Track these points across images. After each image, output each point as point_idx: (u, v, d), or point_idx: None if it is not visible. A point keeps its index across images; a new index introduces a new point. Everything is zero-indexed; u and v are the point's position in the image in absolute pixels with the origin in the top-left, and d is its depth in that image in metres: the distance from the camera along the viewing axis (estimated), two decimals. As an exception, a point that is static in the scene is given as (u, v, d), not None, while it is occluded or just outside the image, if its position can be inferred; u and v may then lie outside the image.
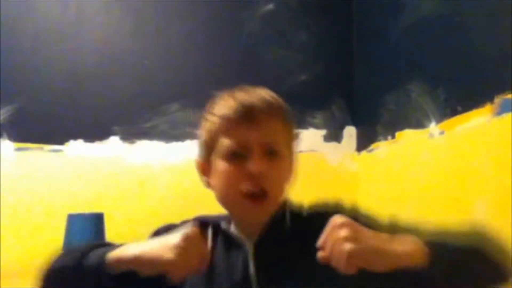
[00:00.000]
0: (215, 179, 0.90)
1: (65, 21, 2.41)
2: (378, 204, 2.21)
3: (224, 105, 0.90)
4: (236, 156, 0.87)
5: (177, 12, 2.50)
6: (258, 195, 0.85)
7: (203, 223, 0.95)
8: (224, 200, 0.90)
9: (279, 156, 0.88)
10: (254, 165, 0.84)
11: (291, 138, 0.93)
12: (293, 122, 0.94)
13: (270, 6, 2.54)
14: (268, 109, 0.88)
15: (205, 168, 0.94)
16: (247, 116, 0.86)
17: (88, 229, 1.88)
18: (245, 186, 0.85)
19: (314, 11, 2.58)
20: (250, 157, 0.85)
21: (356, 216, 0.82)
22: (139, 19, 2.46)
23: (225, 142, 0.87)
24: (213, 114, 0.91)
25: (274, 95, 0.92)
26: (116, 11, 2.45)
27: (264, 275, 0.87)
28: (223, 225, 0.93)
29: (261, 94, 0.89)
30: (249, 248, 0.90)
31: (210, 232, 0.93)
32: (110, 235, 1.96)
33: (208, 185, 0.93)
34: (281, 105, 0.91)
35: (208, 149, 0.91)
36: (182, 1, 2.52)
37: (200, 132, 0.94)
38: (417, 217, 1.85)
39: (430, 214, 1.75)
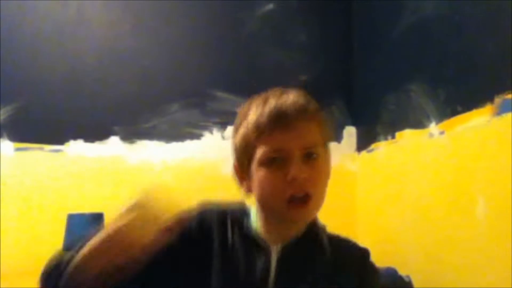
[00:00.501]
0: (255, 187, 0.90)
1: (65, 21, 2.41)
2: (378, 204, 2.21)
3: (257, 112, 0.89)
4: (275, 162, 0.87)
5: (177, 12, 2.50)
6: (303, 200, 0.86)
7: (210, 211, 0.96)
8: (267, 206, 0.90)
9: (317, 157, 0.89)
10: (297, 171, 0.85)
11: (327, 137, 0.93)
12: (327, 121, 0.94)
13: (270, 6, 2.54)
14: (303, 113, 0.88)
15: (242, 174, 0.94)
16: (282, 122, 0.86)
17: (88, 229, 1.87)
18: (290, 193, 0.86)
19: (314, 11, 2.58)
20: (290, 162, 0.86)
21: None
22: (139, 19, 2.46)
23: (262, 150, 0.87)
24: (247, 121, 0.90)
25: (307, 96, 0.92)
26: (116, 11, 2.45)
27: (284, 283, 0.88)
28: (247, 222, 0.93)
29: (294, 97, 0.89)
30: (274, 252, 0.90)
31: (229, 223, 0.93)
32: (110, 235, 1.97)
33: (248, 190, 0.93)
34: (315, 106, 0.91)
35: (246, 156, 0.91)
36: (182, 1, 2.52)
37: (234, 138, 0.94)
38: (417, 217, 1.86)
39: (430, 214, 1.75)
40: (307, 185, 0.86)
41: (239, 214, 0.94)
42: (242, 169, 0.93)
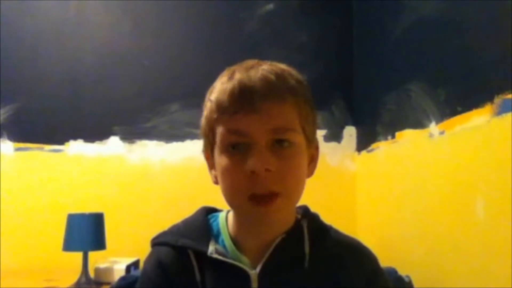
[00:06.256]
0: (218, 176, 0.74)
1: (65, 21, 2.41)
2: (378, 204, 2.21)
3: (220, 88, 0.73)
4: (237, 149, 0.70)
5: (177, 12, 2.50)
6: (266, 199, 0.69)
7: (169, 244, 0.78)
8: (230, 202, 0.75)
9: (290, 146, 0.71)
10: (255, 162, 0.68)
11: (309, 121, 0.75)
12: (310, 102, 0.76)
13: (270, 6, 2.54)
14: (273, 90, 0.71)
15: (211, 162, 0.78)
16: (245, 101, 0.69)
17: (88, 229, 1.88)
18: (251, 190, 0.69)
19: (314, 11, 2.58)
20: (252, 150, 0.69)
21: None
22: (139, 19, 2.46)
23: (222, 133, 0.71)
24: (210, 100, 0.75)
25: (285, 69, 0.76)
26: (116, 11, 2.45)
27: None
28: (212, 250, 0.75)
29: (265, 72, 0.72)
30: (253, 277, 0.73)
31: (193, 259, 0.76)
32: (110, 235, 1.96)
33: (215, 181, 0.77)
34: (293, 82, 0.74)
35: (208, 140, 0.76)
36: (182, 1, 2.52)
37: (202, 120, 0.78)
38: (416, 217, 1.86)
39: (430, 214, 1.75)
40: (272, 181, 0.69)
41: (205, 239, 0.77)
42: (208, 156, 0.78)
